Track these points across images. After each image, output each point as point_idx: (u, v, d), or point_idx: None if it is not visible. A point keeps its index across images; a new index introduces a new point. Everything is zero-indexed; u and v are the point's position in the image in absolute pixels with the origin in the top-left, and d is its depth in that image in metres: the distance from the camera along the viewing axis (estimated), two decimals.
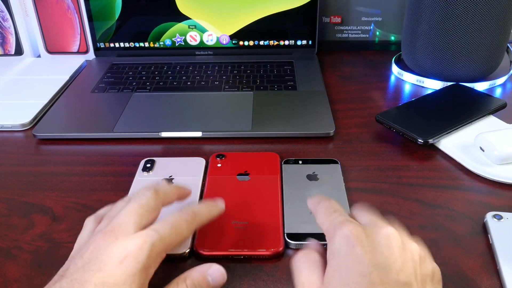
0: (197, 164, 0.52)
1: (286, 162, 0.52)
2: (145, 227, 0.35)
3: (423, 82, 0.71)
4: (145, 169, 0.51)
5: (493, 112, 0.59)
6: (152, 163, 0.52)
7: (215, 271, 0.35)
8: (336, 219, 0.33)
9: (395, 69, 0.76)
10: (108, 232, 0.33)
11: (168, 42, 0.80)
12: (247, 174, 0.50)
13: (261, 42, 0.80)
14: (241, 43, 0.80)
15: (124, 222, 0.34)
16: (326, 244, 0.34)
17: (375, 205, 0.46)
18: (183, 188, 0.41)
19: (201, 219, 0.38)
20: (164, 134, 0.58)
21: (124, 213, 0.35)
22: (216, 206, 0.40)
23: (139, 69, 0.76)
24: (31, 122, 0.63)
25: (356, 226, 0.32)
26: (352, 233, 0.31)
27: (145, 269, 0.32)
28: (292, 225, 0.43)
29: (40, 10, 0.79)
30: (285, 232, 0.42)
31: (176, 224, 0.36)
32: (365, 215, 0.35)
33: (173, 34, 0.79)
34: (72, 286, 0.30)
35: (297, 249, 0.41)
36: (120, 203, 0.38)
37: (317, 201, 0.37)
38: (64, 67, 0.77)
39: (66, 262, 0.34)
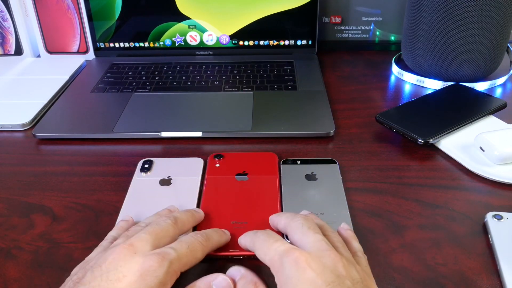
0: (196, 164, 0.52)
1: (285, 162, 0.52)
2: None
3: (423, 82, 0.71)
4: (143, 169, 0.51)
5: (493, 112, 0.59)
6: (150, 164, 0.52)
7: (221, 282, 0.35)
8: (280, 247, 0.34)
9: (395, 69, 0.76)
10: (127, 246, 0.34)
11: (168, 42, 0.80)
12: (245, 174, 0.49)
13: (261, 42, 0.80)
14: (241, 43, 0.80)
15: (143, 239, 0.35)
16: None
17: (375, 205, 0.46)
18: (198, 214, 0.43)
19: (212, 243, 0.39)
20: (164, 134, 0.58)
21: (145, 231, 0.36)
22: (225, 234, 0.41)
23: (139, 69, 0.76)
24: (31, 122, 0.63)
25: (302, 252, 0.33)
26: (300, 258, 0.32)
27: (162, 284, 0.33)
28: None
29: (40, 10, 0.79)
30: None
31: (192, 245, 0.37)
32: (307, 242, 0.35)
33: (173, 34, 0.79)
34: None
35: None
36: (135, 227, 0.39)
37: (251, 235, 0.38)
38: (64, 67, 0.77)
39: (79, 270, 0.35)
